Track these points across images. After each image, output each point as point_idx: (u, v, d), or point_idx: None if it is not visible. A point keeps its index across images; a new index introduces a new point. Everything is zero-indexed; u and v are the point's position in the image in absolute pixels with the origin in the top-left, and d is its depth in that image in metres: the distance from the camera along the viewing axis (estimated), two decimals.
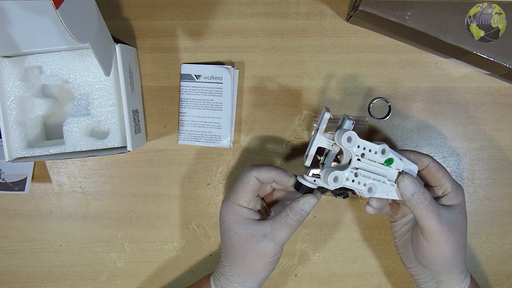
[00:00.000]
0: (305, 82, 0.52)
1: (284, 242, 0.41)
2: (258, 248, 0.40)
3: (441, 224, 0.39)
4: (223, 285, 0.43)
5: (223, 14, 0.51)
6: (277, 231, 0.40)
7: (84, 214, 0.54)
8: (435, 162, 0.42)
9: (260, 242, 0.40)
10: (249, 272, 0.42)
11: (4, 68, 0.47)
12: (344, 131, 0.38)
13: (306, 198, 0.40)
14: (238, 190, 0.42)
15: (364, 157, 0.39)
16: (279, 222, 0.40)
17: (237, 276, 0.42)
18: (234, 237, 0.42)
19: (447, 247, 0.40)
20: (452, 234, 0.39)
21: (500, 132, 0.52)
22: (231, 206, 0.42)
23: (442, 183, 0.41)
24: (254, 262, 0.41)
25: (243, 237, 0.41)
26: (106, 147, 0.48)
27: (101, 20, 0.43)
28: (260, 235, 0.40)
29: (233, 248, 0.42)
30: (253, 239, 0.41)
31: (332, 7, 0.51)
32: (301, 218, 0.40)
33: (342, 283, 0.54)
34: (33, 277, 0.55)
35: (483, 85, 0.51)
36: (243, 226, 0.41)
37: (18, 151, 0.47)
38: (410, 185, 0.39)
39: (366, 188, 0.40)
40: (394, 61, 0.51)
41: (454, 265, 0.41)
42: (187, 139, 0.52)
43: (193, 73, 0.51)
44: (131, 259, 0.55)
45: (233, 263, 0.42)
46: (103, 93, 0.48)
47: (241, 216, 0.42)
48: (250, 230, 0.41)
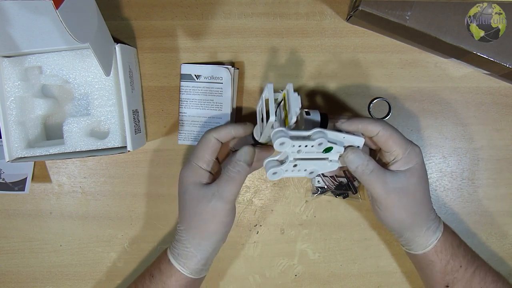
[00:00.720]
0: (305, 82, 0.52)
1: (231, 198, 0.42)
2: (209, 209, 0.42)
3: (386, 191, 0.41)
4: (179, 252, 0.44)
5: (223, 14, 0.51)
6: (222, 188, 0.41)
7: (84, 214, 0.54)
8: (386, 129, 0.41)
9: (210, 202, 0.42)
10: (204, 234, 0.43)
11: (4, 68, 0.47)
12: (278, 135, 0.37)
13: (242, 148, 0.41)
14: (198, 152, 0.43)
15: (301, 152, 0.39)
16: (223, 179, 0.42)
17: (193, 239, 0.43)
18: (188, 199, 0.43)
19: (398, 211, 0.41)
20: (400, 200, 0.41)
21: (500, 132, 0.52)
22: (191, 168, 0.43)
23: (393, 150, 0.42)
24: (207, 223, 0.42)
25: (195, 199, 0.42)
26: (106, 147, 0.48)
27: (101, 20, 0.43)
28: (209, 195, 0.42)
29: (188, 211, 0.43)
30: (204, 199, 0.42)
31: (332, 7, 0.51)
32: (242, 169, 0.41)
33: (342, 283, 0.54)
34: (33, 277, 0.55)
35: (483, 85, 0.52)
36: (198, 188, 0.43)
37: (18, 151, 0.47)
38: (353, 160, 0.41)
39: (307, 172, 0.41)
40: (394, 61, 0.51)
41: (413, 224, 0.42)
42: (187, 139, 0.52)
43: (193, 73, 0.51)
44: (131, 259, 0.55)
45: (188, 226, 0.43)
46: (103, 93, 0.48)
47: (198, 178, 0.43)
48: (202, 191, 0.42)
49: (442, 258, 0.43)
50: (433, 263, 0.44)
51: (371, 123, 0.41)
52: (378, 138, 0.41)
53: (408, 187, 0.41)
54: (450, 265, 0.43)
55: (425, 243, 0.43)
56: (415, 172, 0.42)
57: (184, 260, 0.44)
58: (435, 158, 0.53)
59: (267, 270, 0.54)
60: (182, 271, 0.44)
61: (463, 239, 0.45)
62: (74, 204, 0.54)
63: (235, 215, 0.44)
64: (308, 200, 0.53)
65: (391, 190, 0.41)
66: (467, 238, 0.53)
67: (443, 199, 0.53)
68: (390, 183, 0.41)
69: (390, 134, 0.41)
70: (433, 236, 0.43)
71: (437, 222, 0.44)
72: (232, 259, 0.54)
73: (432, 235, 0.43)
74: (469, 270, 0.43)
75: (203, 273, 0.46)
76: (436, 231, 0.43)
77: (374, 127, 0.41)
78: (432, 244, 0.43)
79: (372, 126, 0.41)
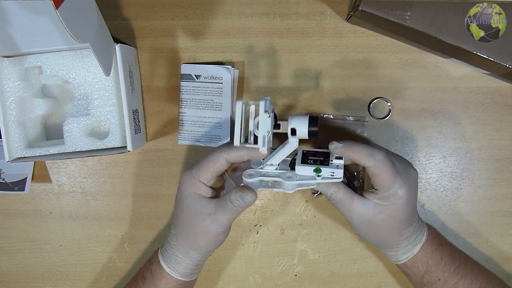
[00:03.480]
0: (305, 82, 0.52)
1: (226, 224, 0.42)
2: (202, 226, 0.42)
3: (350, 219, 0.42)
4: (169, 255, 0.44)
5: (223, 14, 0.51)
6: (219, 214, 0.41)
7: (84, 214, 0.54)
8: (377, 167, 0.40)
9: (205, 221, 0.42)
10: (192, 246, 0.43)
11: (4, 68, 0.47)
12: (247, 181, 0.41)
13: (246, 193, 0.40)
14: (203, 167, 0.42)
15: None
16: (221, 205, 0.41)
17: (182, 247, 0.43)
18: (185, 209, 0.43)
19: (362, 234, 0.43)
20: (363, 228, 0.42)
21: (500, 132, 0.52)
22: (191, 179, 0.43)
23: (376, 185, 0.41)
24: (197, 237, 0.42)
25: (192, 212, 0.42)
26: (106, 147, 0.48)
27: (101, 20, 0.43)
28: (205, 213, 0.42)
29: (182, 220, 0.43)
30: (199, 216, 0.42)
31: (332, 7, 0.51)
32: (241, 208, 0.41)
33: (342, 283, 0.54)
34: (33, 277, 0.55)
35: (483, 85, 0.51)
36: (195, 201, 0.42)
37: (18, 151, 0.47)
38: (321, 189, 0.42)
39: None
40: (394, 61, 0.51)
41: (379, 245, 0.45)
42: (187, 139, 0.52)
43: (193, 73, 0.51)
44: (131, 259, 0.55)
45: (180, 233, 0.44)
46: (103, 93, 0.48)
47: (197, 191, 0.43)
48: (199, 207, 0.42)
49: (415, 272, 0.44)
50: (407, 273, 0.45)
51: (363, 156, 0.40)
52: (367, 169, 0.41)
53: (374, 220, 0.42)
54: (426, 279, 0.44)
55: (396, 259, 0.45)
56: (387, 211, 0.41)
57: (173, 264, 0.44)
58: (435, 158, 0.53)
59: (267, 270, 0.54)
60: (172, 274, 0.44)
61: (463, 239, 0.45)
62: (74, 204, 0.54)
63: (228, 234, 0.44)
64: (308, 200, 0.53)
65: (355, 217, 0.42)
66: (467, 238, 0.53)
67: (443, 199, 0.53)
68: (355, 213, 0.42)
69: (379, 173, 0.40)
70: (402, 256, 0.44)
71: (408, 246, 0.43)
72: (232, 259, 0.54)
73: (401, 255, 0.44)
74: (449, 282, 0.43)
75: (194, 276, 0.46)
76: (407, 252, 0.43)
77: (367, 161, 0.40)
78: (401, 262, 0.44)
79: (365, 159, 0.40)
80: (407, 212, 0.42)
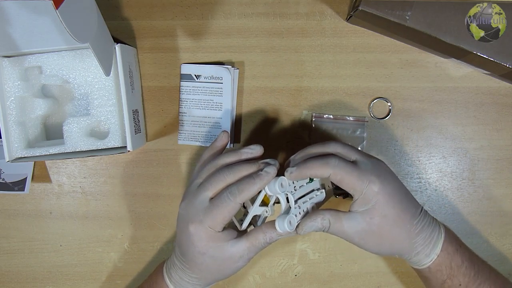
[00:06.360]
0: (305, 82, 0.52)
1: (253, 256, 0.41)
2: (233, 267, 0.41)
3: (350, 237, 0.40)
4: (174, 276, 0.43)
5: (223, 14, 0.51)
6: (252, 253, 0.41)
7: (84, 214, 0.54)
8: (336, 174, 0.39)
9: (237, 263, 0.40)
10: (209, 279, 0.42)
11: (4, 68, 0.47)
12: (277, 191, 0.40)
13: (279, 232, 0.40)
14: (217, 218, 0.39)
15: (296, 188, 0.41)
16: (256, 247, 0.40)
17: (188, 275, 0.42)
18: (209, 261, 0.40)
19: (369, 248, 0.40)
20: (366, 240, 0.40)
21: (500, 132, 0.52)
22: (207, 233, 0.39)
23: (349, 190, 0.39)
24: (221, 274, 0.42)
25: (220, 259, 0.40)
26: (106, 147, 0.48)
27: (101, 20, 0.43)
28: (237, 257, 0.40)
29: (206, 267, 0.41)
30: (229, 260, 0.40)
31: (332, 7, 0.51)
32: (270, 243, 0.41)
33: (342, 283, 0.54)
34: (33, 277, 0.55)
35: (483, 85, 0.51)
36: (220, 250, 0.40)
37: (18, 151, 0.47)
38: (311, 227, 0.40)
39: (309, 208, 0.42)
40: (394, 61, 0.51)
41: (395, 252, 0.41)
42: (187, 139, 0.52)
43: (193, 73, 0.51)
44: (131, 259, 0.55)
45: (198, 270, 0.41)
46: (103, 93, 0.48)
47: (218, 242, 0.40)
48: (228, 253, 0.40)
49: (438, 277, 0.41)
50: (428, 279, 0.42)
51: (318, 168, 0.39)
52: (332, 179, 0.39)
53: (369, 228, 0.39)
54: (447, 284, 0.41)
55: (418, 263, 0.41)
56: (375, 212, 0.39)
57: (179, 286, 0.43)
58: (435, 158, 0.53)
59: (267, 270, 0.54)
60: None
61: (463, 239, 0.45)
62: (74, 204, 0.54)
63: None
64: None
65: (353, 235, 0.39)
66: (467, 238, 0.53)
67: (443, 199, 0.53)
68: (350, 231, 0.39)
69: (341, 178, 0.38)
70: (426, 259, 0.41)
71: (429, 245, 0.40)
72: None
73: (424, 258, 0.40)
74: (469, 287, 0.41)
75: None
76: (431, 254, 0.40)
77: (324, 171, 0.39)
78: (425, 265, 0.41)
79: (322, 171, 0.39)
80: (398, 205, 0.39)
